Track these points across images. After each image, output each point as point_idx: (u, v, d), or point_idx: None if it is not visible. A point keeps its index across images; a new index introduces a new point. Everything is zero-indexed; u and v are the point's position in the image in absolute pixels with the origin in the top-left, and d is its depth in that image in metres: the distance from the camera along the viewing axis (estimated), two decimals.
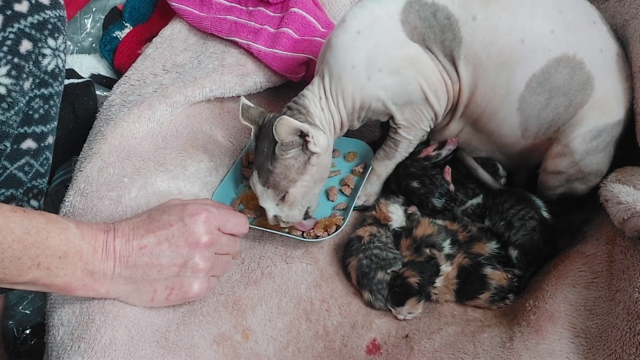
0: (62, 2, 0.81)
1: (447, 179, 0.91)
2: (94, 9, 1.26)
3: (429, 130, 0.89)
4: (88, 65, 1.21)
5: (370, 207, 0.91)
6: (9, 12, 0.73)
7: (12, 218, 0.56)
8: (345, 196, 0.92)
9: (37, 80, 0.76)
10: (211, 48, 1.04)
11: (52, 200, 1.00)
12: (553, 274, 0.77)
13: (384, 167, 0.92)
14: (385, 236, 0.86)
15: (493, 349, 0.71)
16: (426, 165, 0.92)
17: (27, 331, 1.06)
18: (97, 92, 1.10)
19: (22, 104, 0.74)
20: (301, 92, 0.83)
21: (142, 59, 1.01)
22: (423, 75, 0.81)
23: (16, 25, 0.74)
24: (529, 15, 0.78)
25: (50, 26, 0.77)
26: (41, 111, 0.77)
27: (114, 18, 1.24)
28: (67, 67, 1.08)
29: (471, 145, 0.92)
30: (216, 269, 0.71)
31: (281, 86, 1.06)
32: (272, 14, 1.07)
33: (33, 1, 0.76)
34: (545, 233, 0.83)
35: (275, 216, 0.81)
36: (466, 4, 0.78)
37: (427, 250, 0.82)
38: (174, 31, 1.07)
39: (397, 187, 0.93)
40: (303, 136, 0.75)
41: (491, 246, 0.84)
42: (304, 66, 1.04)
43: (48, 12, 0.77)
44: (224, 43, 1.04)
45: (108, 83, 1.19)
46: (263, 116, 0.80)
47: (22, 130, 0.75)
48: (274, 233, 0.85)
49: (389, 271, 0.81)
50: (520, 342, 0.70)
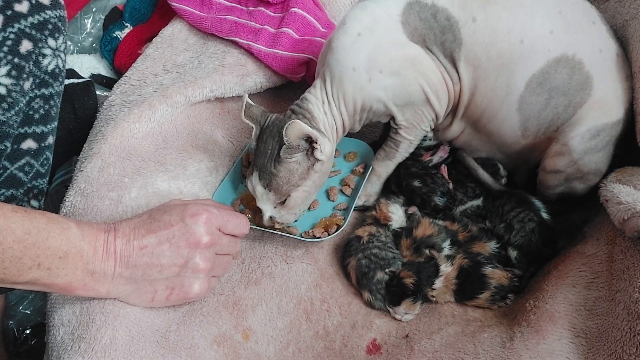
0: (63, 2, 0.81)
1: (446, 178, 0.91)
2: (94, 9, 1.26)
3: (430, 130, 0.89)
4: (88, 65, 1.21)
5: (370, 207, 0.91)
6: (9, 12, 0.74)
7: (13, 218, 0.56)
8: (345, 196, 0.92)
9: (38, 80, 0.76)
10: (211, 48, 1.04)
11: (53, 200, 1.00)
12: (553, 274, 0.77)
13: (384, 167, 0.92)
14: (384, 236, 0.86)
15: (493, 349, 0.71)
16: (427, 164, 0.92)
17: (27, 331, 1.06)
18: (97, 92, 1.10)
19: (23, 104, 0.74)
20: (303, 95, 0.83)
21: (143, 59, 1.01)
22: (424, 76, 0.81)
23: (16, 25, 0.74)
24: (529, 15, 0.78)
25: (50, 26, 0.77)
26: (41, 111, 0.77)
27: (114, 18, 1.24)
28: (68, 67, 1.08)
29: (471, 145, 0.92)
30: (217, 270, 0.71)
31: (281, 86, 1.06)
32: (273, 14, 1.07)
33: (33, 1, 0.76)
34: (544, 234, 0.84)
35: (270, 217, 0.81)
36: (466, 6, 0.78)
37: (427, 251, 0.82)
38: (174, 31, 1.07)
39: (398, 188, 0.93)
40: (309, 142, 0.75)
41: (491, 245, 0.84)
42: (304, 66, 1.04)
43: (48, 12, 0.77)
44: (225, 43, 1.04)
45: (108, 83, 1.19)
46: (265, 116, 0.80)
47: (23, 130, 0.75)
48: (274, 233, 0.85)
49: (387, 271, 0.81)
50: (520, 342, 0.70)
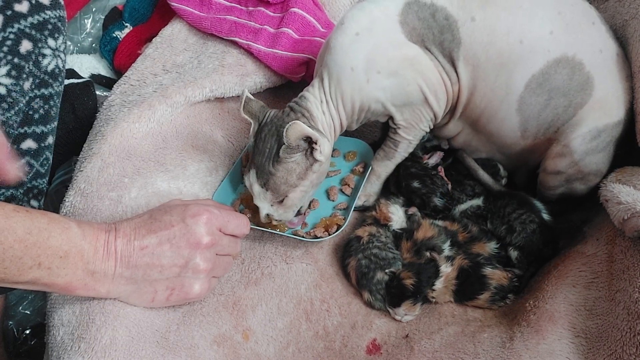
0: (62, 3, 0.81)
1: (445, 179, 0.91)
2: (94, 9, 1.26)
3: (429, 130, 0.89)
4: (88, 65, 1.21)
5: (370, 208, 0.91)
6: (9, 12, 0.74)
7: (15, 218, 0.56)
8: (345, 196, 0.92)
9: (37, 80, 0.76)
10: (211, 48, 1.04)
11: (52, 200, 1.00)
12: (553, 274, 0.77)
13: (384, 167, 0.92)
14: (384, 236, 0.86)
15: (493, 349, 0.71)
16: (426, 165, 0.92)
17: (27, 331, 1.06)
18: (97, 92, 1.10)
19: (22, 104, 0.74)
20: (302, 94, 0.82)
21: (142, 59, 1.01)
22: (422, 76, 0.81)
23: (16, 25, 0.74)
24: (528, 16, 0.78)
25: (50, 26, 0.77)
26: (41, 111, 0.77)
27: (114, 18, 1.24)
28: (67, 67, 1.08)
29: (471, 145, 0.92)
30: (217, 270, 0.71)
31: (281, 86, 1.06)
32: (272, 14, 1.07)
33: (33, 1, 0.76)
34: (545, 235, 0.84)
35: (267, 215, 0.81)
36: (465, 5, 0.78)
37: (428, 253, 0.82)
38: (174, 31, 1.07)
39: (397, 189, 0.93)
40: (309, 142, 0.76)
41: (491, 246, 0.84)
42: (304, 66, 1.04)
43: (48, 13, 0.77)
44: (224, 43, 1.04)
45: (108, 83, 1.19)
46: (264, 112, 0.80)
47: (22, 130, 0.75)
48: (274, 233, 0.85)
49: (387, 271, 0.81)
50: (520, 342, 0.70)
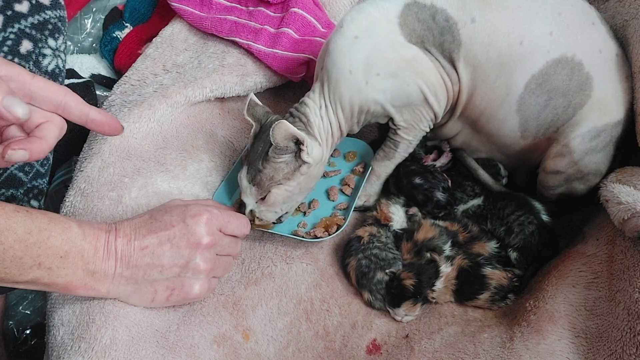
0: (63, 3, 0.81)
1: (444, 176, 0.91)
2: (94, 9, 1.26)
3: (429, 130, 0.89)
4: (88, 65, 1.21)
5: (370, 208, 0.91)
6: (10, 13, 0.74)
7: (15, 218, 0.56)
8: (345, 196, 0.92)
9: None
10: (211, 48, 1.04)
11: (52, 200, 1.00)
12: (553, 274, 0.77)
13: (384, 168, 0.92)
14: (385, 236, 0.86)
15: (493, 349, 0.71)
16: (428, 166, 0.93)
17: (27, 331, 1.06)
18: (97, 92, 1.10)
19: None
20: (302, 99, 0.83)
21: (142, 59, 1.01)
22: (422, 77, 0.81)
23: (16, 25, 0.74)
24: (528, 17, 0.78)
25: (50, 26, 0.77)
26: None
27: (114, 18, 1.24)
28: (67, 67, 1.08)
29: (471, 146, 0.92)
30: (217, 270, 0.71)
31: (281, 86, 1.06)
32: (273, 14, 1.07)
33: (33, 1, 0.76)
34: (544, 236, 0.84)
35: (251, 211, 0.81)
36: (465, 6, 0.78)
37: (428, 254, 0.82)
38: (174, 31, 1.07)
39: (398, 189, 0.93)
40: (298, 143, 0.76)
41: (491, 246, 0.84)
42: (304, 66, 1.04)
43: (48, 13, 0.77)
44: (224, 43, 1.04)
45: (108, 83, 1.19)
46: (267, 116, 0.80)
47: None
48: (275, 233, 0.85)
49: (387, 272, 0.81)
50: (520, 342, 0.70)
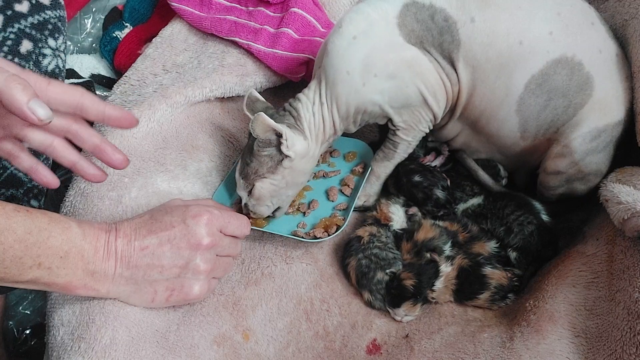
0: (62, 2, 0.81)
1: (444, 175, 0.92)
2: (94, 9, 1.26)
3: (428, 131, 0.89)
4: (88, 65, 1.21)
5: (370, 208, 0.91)
6: (10, 12, 0.74)
7: (15, 218, 0.56)
8: (345, 196, 0.92)
9: None
10: (211, 48, 1.04)
11: (52, 200, 1.00)
12: (553, 274, 0.77)
13: (383, 168, 0.92)
14: (385, 236, 0.86)
15: (493, 349, 0.71)
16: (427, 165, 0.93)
17: (27, 331, 1.06)
18: (97, 92, 1.11)
19: None
20: (297, 95, 0.83)
21: (142, 59, 1.01)
22: (421, 77, 0.81)
23: (16, 25, 0.74)
24: (527, 17, 0.78)
25: (50, 26, 0.77)
26: None
27: (114, 18, 1.24)
28: (67, 67, 1.08)
29: (471, 146, 0.92)
30: (217, 271, 0.71)
31: (281, 86, 1.06)
32: (272, 14, 1.07)
33: (33, 1, 0.76)
34: (544, 236, 0.84)
35: (245, 205, 0.84)
36: (464, 6, 0.78)
37: (428, 254, 0.82)
38: (174, 31, 1.07)
39: (397, 188, 0.93)
40: (280, 136, 0.77)
41: (491, 245, 0.84)
42: (304, 66, 1.04)
43: (48, 12, 0.77)
44: (224, 43, 1.04)
45: (108, 83, 1.19)
46: (266, 112, 0.81)
47: None
48: (274, 233, 0.86)
49: (388, 272, 0.81)
50: (520, 342, 0.70)
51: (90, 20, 1.26)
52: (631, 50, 0.81)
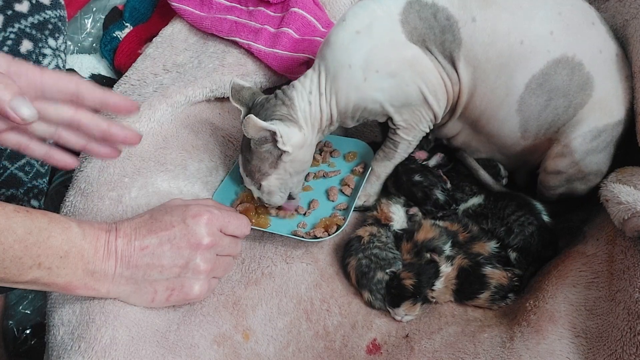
0: (63, 2, 0.81)
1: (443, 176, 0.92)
2: (94, 9, 1.26)
3: (429, 131, 0.89)
4: (88, 65, 1.21)
5: (370, 208, 0.91)
6: (10, 12, 0.74)
7: (15, 218, 0.56)
8: (345, 196, 0.92)
9: None
10: (211, 48, 1.04)
11: (53, 200, 1.00)
12: (553, 274, 0.77)
13: (384, 168, 0.92)
14: (385, 236, 0.86)
15: (493, 349, 0.71)
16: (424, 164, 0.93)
17: (27, 331, 1.06)
18: None
19: None
20: (292, 82, 0.83)
21: (142, 59, 1.01)
22: (422, 77, 0.81)
23: (17, 25, 0.74)
24: (528, 16, 0.78)
25: (50, 26, 0.77)
26: None
27: (114, 18, 1.24)
28: (67, 67, 1.08)
29: (471, 146, 0.92)
30: (217, 271, 0.71)
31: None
32: (273, 14, 1.07)
33: (33, 1, 0.76)
34: (544, 236, 0.84)
35: (258, 198, 0.84)
36: (465, 5, 0.78)
37: (428, 254, 0.82)
38: (174, 31, 1.07)
39: (397, 187, 0.93)
40: (273, 134, 0.77)
41: (491, 245, 0.84)
42: (305, 66, 1.04)
43: (48, 12, 0.77)
44: (225, 43, 1.04)
45: (108, 83, 1.19)
46: (253, 98, 0.81)
47: None
48: (274, 233, 0.86)
49: (388, 271, 0.81)
50: (520, 342, 0.70)
51: (90, 20, 1.26)
52: (631, 50, 0.81)
